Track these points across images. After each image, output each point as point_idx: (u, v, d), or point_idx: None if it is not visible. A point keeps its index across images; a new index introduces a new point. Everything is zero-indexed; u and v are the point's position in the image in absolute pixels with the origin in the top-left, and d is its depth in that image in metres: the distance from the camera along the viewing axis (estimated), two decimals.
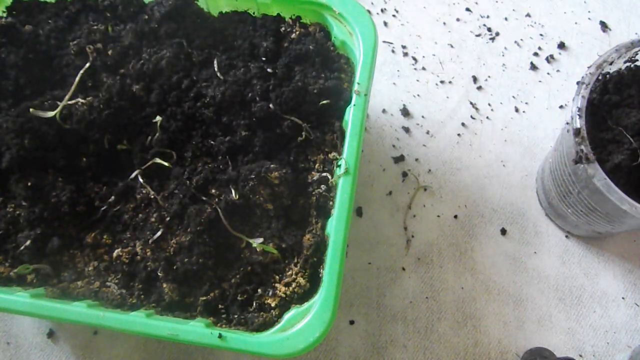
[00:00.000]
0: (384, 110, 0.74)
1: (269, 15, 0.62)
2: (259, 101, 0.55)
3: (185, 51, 0.59)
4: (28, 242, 0.52)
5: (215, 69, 0.58)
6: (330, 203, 0.52)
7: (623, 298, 0.63)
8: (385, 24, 0.80)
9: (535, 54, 0.78)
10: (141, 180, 0.55)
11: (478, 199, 0.69)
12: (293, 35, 0.60)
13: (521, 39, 0.79)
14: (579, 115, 0.42)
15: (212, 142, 0.56)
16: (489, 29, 0.80)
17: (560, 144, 0.50)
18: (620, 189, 0.43)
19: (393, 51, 0.78)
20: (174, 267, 0.51)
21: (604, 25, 0.80)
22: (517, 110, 0.74)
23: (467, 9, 0.81)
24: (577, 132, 0.41)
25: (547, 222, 0.67)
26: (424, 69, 0.77)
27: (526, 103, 0.75)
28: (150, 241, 0.52)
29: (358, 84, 0.53)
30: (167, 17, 0.59)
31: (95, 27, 0.59)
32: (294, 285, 0.50)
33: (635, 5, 0.81)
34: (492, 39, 0.79)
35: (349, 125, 0.51)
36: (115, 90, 0.56)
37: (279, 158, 0.55)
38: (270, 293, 0.50)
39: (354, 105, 0.52)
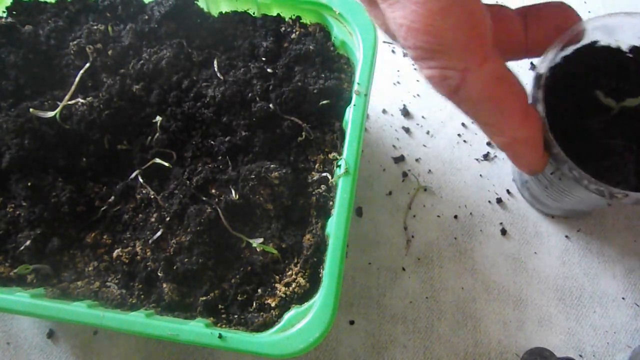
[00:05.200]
0: (384, 111, 0.74)
1: (269, 16, 0.62)
2: (259, 101, 0.55)
3: (185, 51, 0.59)
4: (28, 242, 0.52)
5: (215, 69, 0.58)
6: (330, 203, 0.52)
7: (623, 298, 0.63)
8: None
9: None
10: (141, 180, 0.55)
11: (478, 199, 0.69)
12: (293, 36, 0.60)
13: None
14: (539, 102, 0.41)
15: (212, 142, 0.56)
16: None
17: None
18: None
19: (393, 51, 0.78)
20: (174, 267, 0.51)
21: None
22: None
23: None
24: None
25: (547, 222, 0.67)
26: None
27: None
28: (150, 241, 0.52)
29: (358, 84, 0.53)
30: (167, 17, 0.59)
31: (95, 27, 0.59)
32: (294, 285, 0.50)
33: (635, 6, 0.81)
34: None
35: (349, 126, 0.51)
36: (115, 90, 0.56)
37: (279, 158, 0.55)
38: (270, 293, 0.50)
39: (354, 105, 0.52)
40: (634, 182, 0.43)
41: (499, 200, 0.68)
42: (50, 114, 0.54)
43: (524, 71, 0.76)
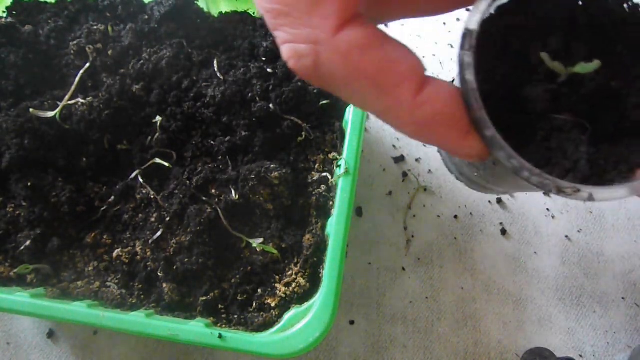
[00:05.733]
0: None
1: None
2: (259, 101, 0.55)
3: (185, 51, 0.59)
4: (28, 242, 0.52)
5: (215, 69, 0.58)
6: (330, 203, 0.52)
7: (623, 298, 0.63)
8: (385, 24, 0.80)
9: None
10: (141, 180, 0.55)
11: (478, 199, 0.69)
12: None
13: None
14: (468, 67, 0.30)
15: (212, 142, 0.56)
16: None
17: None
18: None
19: None
20: (174, 267, 0.51)
21: None
22: None
23: (467, 9, 0.81)
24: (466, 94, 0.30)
25: (547, 221, 0.67)
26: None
27: None
28: (150, 241, 0.52)
29: None
30: (167, 17, 0.59)
31: (95, 27, 0.59)
32: (294, 285, 0.50)
33: None
34: None
35: (349, 125, 0.51)
36: (115, 90, 0.56)
37: (279, 158, 0.55)
38: (270, 293, 0.50)
39: None
40: (586, 170, 0.32)
41: (499, 200, 0.68)
42: (50, 114, 0.54)
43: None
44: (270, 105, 0.55)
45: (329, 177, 0.53)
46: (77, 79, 0.57)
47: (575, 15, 0.34)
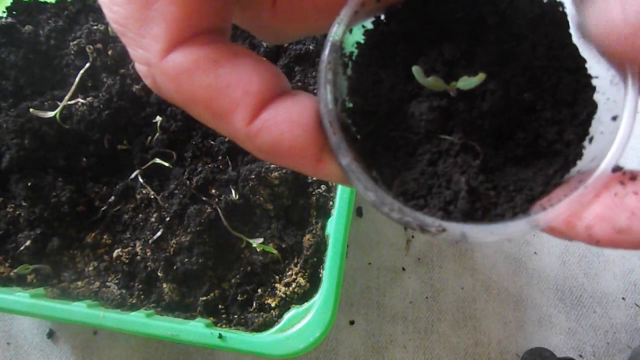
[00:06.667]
0: None
1: None
2: None
3: None
4: (28, 242, 0.52)
5: None
6: (330, 203, 0.52)
7: (623, 298, 0.63)
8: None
9: None
10: (141, 180, 0.55)
11: None
12: None
13: None
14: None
15: (212, 142, 0.56)
16: None
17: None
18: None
19: None
20: (174, 267, 0.51)
21: None
22: None
23: None
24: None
25: None
26: None
27: None
28: (150, 241, 0.52)
29: None
30: None
31: (95, 27, 0.59)
32: (294, 285, 0.50)
33: None
34: None
35: None
36: (115, 90, 0.56)
37: None
38: (270, 293, 0.50)
39: None
40: (464, 204, 0.27)
41: None
42: (50, 114, 0.54)
43: None
44: None
45: None
46: (77, 79, 0.57)
47: (483, 15, 0.28)
